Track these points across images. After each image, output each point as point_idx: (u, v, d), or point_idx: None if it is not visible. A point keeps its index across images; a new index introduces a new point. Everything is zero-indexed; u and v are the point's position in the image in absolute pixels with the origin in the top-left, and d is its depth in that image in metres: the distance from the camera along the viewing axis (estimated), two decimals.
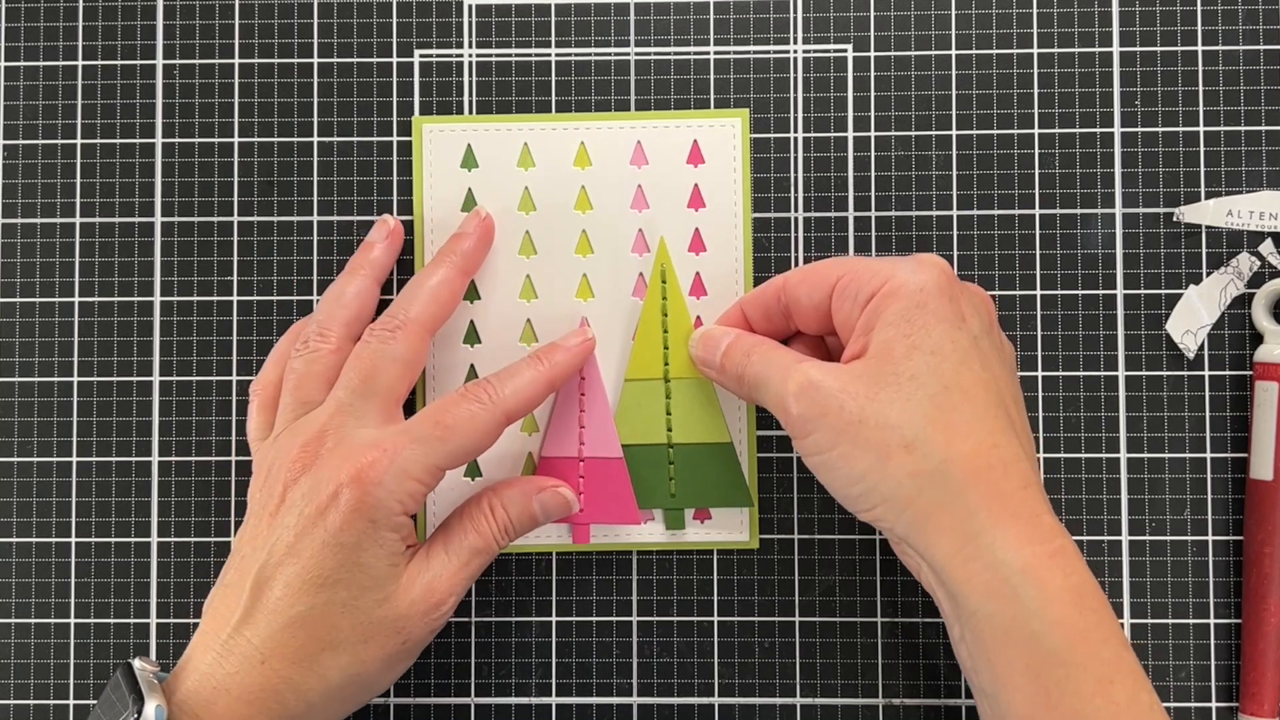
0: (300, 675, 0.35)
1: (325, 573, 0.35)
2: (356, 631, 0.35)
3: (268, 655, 0.34)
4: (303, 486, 0.36)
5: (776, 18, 0.43)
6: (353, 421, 0.37)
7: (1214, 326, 0.42)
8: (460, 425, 0.36)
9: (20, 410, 0.43)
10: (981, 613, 0.33)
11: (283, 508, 0.36)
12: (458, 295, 0.40)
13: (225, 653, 0.35)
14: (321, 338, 0.39)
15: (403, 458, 0.35)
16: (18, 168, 0.44)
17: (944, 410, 0.34)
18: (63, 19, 0.44)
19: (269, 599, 0.35)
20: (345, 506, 0.35)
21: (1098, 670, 0.32)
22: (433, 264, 0.40)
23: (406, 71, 0.44)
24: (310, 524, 0.35)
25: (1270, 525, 0.40)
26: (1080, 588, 0.33)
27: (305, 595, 0.35)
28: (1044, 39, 0.43)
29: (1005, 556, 0.33)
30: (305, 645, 0.35)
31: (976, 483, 0.33)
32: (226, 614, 0.35)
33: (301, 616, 0.35)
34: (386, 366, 0.38)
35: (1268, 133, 0.43)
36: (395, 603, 0.36)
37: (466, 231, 0.41)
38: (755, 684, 0.42)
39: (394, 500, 0.35)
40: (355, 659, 0.35)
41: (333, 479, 0.35)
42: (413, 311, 0.39)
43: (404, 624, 0.36)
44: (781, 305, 0.39)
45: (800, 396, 0.35)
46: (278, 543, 0.35)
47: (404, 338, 0.38)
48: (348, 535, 0.35)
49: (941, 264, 0.36)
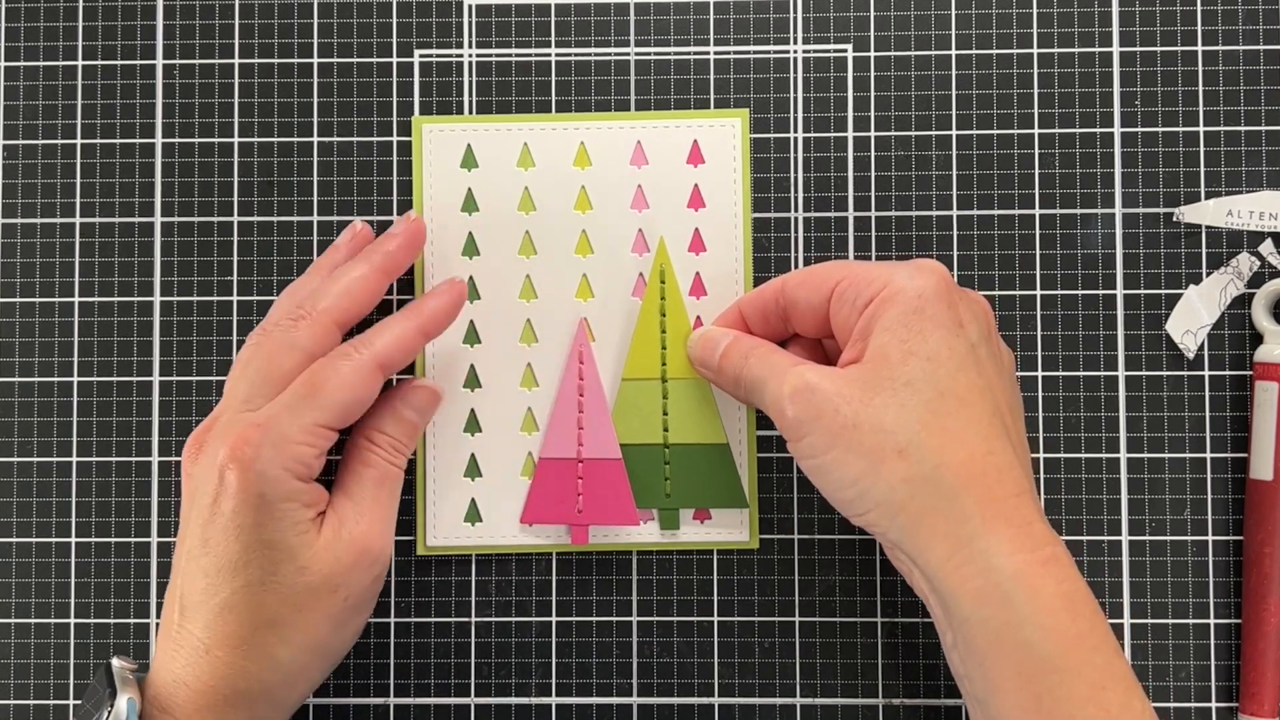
0: (245, 659, 0.35)
1: (234, 558, 0.35)
2: (286, 604, 0.36)
3: (210, 645, 0.35)
4: (195, 477, 0.36)
5: (776, 18, 0.43)
6: (245, 410, 0.37)
7: (1214, 326, 0.42)
8: (329, 380, 0.36)
9: (20, 410, 0.43)
10: (974, 619, 0.33)
11: (185, 501, 0.37)
12: (375, 293, 0.40)
13: (176, 647, 0.35)
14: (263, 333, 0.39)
15: (277, 424, 0.36)
16: (18, 168, 0.44)
17: (939, 416, 0.34)
18: (63, 19, 0.44)
19: (195, 592, 0.35)
20: (232, 488, 0.35)
21: (1090, 676, 0.32)
22: (353, 260, 0.40)
23: (406, 71, 0.44)
24: (209, 513, 0.35)
25: (1270, 525, 0.40)
26: (1072, 594, 0.33)
27: (224, 582, 0.35)
28: (1044, 39, 0.43)
29: (998, 562, 0.33)
30: (239, 629, 0.35)
31: (970, 489, 0.33)
32: (170, 611, 0.36)
33: (227, 602, 0.35)
34: (285, 355, 0.37)
35: (1268, 133, 0.43)
36: (318, 567, 0.36)
37: (394, 233, 0.41)
38: (755, 684, 0.42)
39: (278, 469, 0.35)
40: (297, 629, 0.36)
41: (214, 464, 0.35)
42: (321, 304, 0.38)
43: (338, 581, 0.36)
44: (780, 307, 0.39)
45: (796, 399, 0.35)
46: (190, 537, 0.36)
47: (306, 327, 0.38)
48: (244, 517, 0.35)
49: (940, 270, 0.36)
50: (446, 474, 0.43)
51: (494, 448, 0.43)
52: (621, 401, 0.42)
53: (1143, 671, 0.42)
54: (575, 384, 0.42)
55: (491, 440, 0.43)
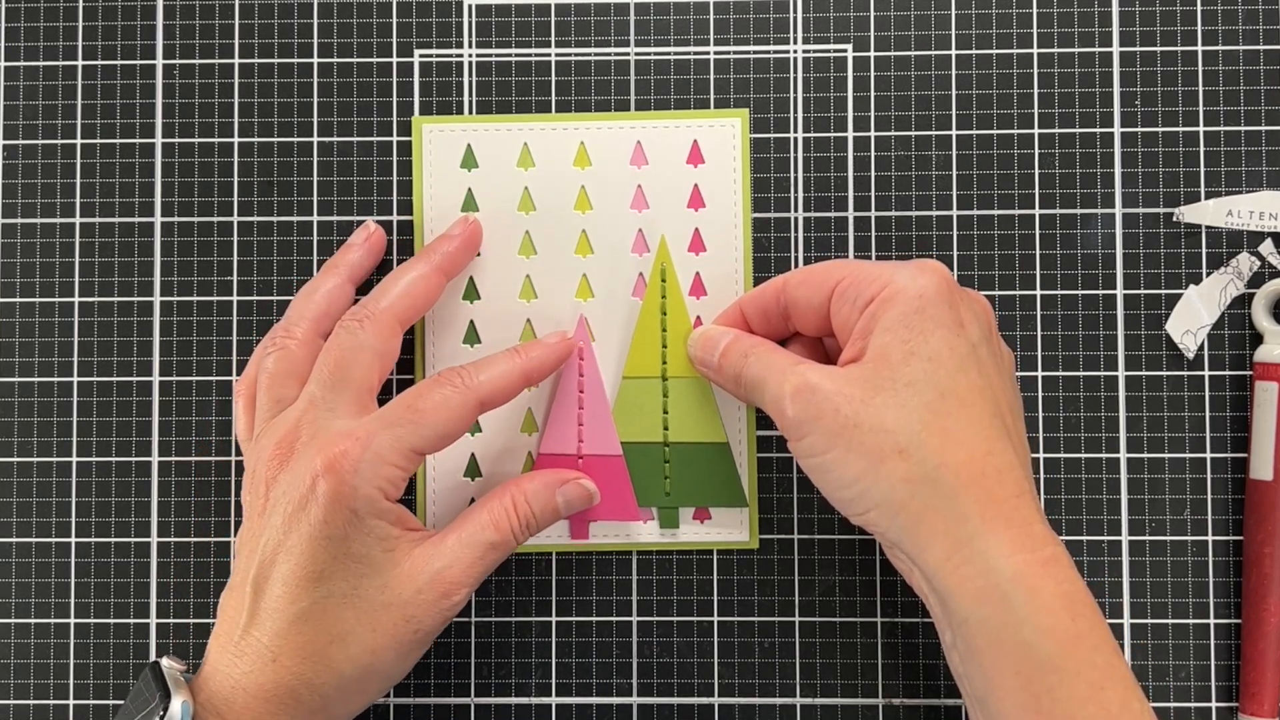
0: (312, 670, 0.35)
1: (319, 567, 0.35)
2: (363, 622, 0.35)
3: (277, 653, 0.35)
4: (282, 483, 0.36)
5: (776, 18, 0.43)
6: (325, 414, 0.37)
7: (1214, 326, 0.42)
8: (432, 409, 0.36)
9: (20, 410, 0.43)
10: (973, 619, 0.33)
11: (268, 506, 0.36)
12: (433, 293, 0.40)
13: (239, 653, 0.35)
14: (288, 334, 0.39)
15: (376, 443, 0.35)
16: (18, 168, 0.44)
17: (939, 416, 0.34)
18: (63, 19, 0.44)
19: (270, 598, 0.35)
20: (323, 498, 0.35)
21: (1090, 676, 0.32)
22: (412, 260, 0.40)
23: (406, 71, 0.44)
24: (294, 519, 0.35)
25: (1270, 525, 0.40)
26: (1072, 595, 0.33)
27: (304, 591, 0.35)
28: (1044, 39, 0.43)
29: (997, 563, 0.33)
30: (312, 640, 0.35)
31: (970, 489, 0.33)
32: (235, 615, 0.36)
33: (304, 612, 0.35)
34: (357, 356, 0.38)
35: (1268, 133, 0.43)
36: (398, 589, 0.36)
37: (452, 234, 0.41)
38: (755, 684, 0.42)
39: (371, 487, 0.35)
40: (365, 649, 0.35)
41: (308, 471, 0.35)
42: (384, 303, 0.39)
43: (413, 611, 0.36)
44: (781, 306, 0.39)
45: (796, 398, 0.35)
46: (268, 542, 0.35)
47: (372, 327, 0.38)
48: (333, 528, 0.35)
49: (942, 269, 0.36)
50: (446, 474, 0.43)
51: (494, 448, 0.43)
52: (622, 400, 0.42)
53: (1143, 671, 0.42)
54: (575, 380, 0.42)
55: (491, 440, 0.43)
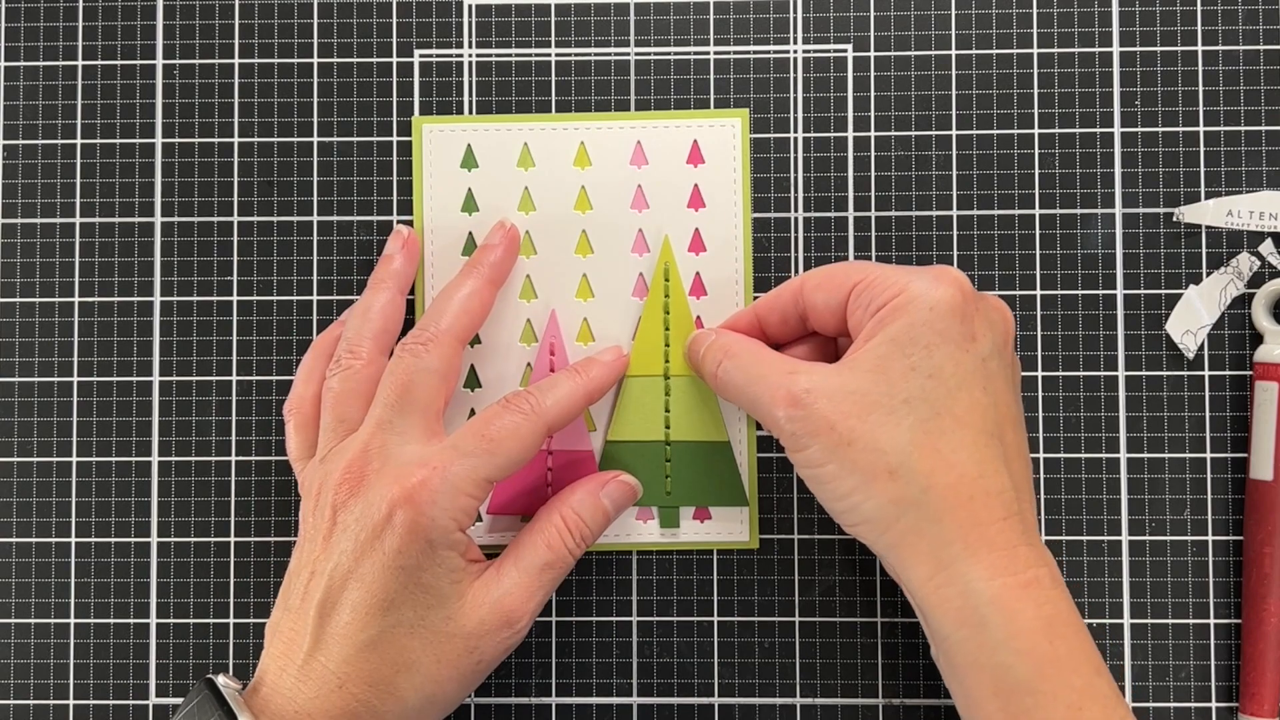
0: (378, 698, 0.35)
1: (389, 595, 0.35)
2: (428, 652, 0.35)
3: (345, 680, 0.34)
4: (354, 510, 0.35)
5: (776, 18, 0.43)
6: (395, 439, 0.37)
7: (1214, 326, 0.42)
8: (506, 437, 0.36)
9: (20, 410, 0.43)
10: (953, 638, 0.34)
11: (335, 530, 0.36)
12: (487, 306, 0.40)
13: (303, 677, 0.35)
14: (352, 354, 0.39)
15: (452, 474, 0.35)
16: (18, 168, 0.44)
17: (932, 437, 0.34)
18: (63, 19, 0.44)
19: (337, 624, 0.35)
20: (401, 528, 0.35)
21: (1067, 698, 0.33)
22: (461, 275, 0.40)
23: (406, 71, 0.44)
24: (368, 547, 0.35)
25: (1270, 525, 0.40)
26: (1052, 617, 0.33)
27: (373, 619, 0.35)
28: (1044, 39, 0.43)
29: (976, 586, 0.33)
30: (380, 668, 0.35)
31: (955, 512, 0.34)
32: (296, 639, 0.35)
33: (373, 640, 0.35)
34: (422, 380, 0.37)
35: (1268, 133, 0.43)
36: (463, 620, 0.36)
37: (493, 243, 0.41)
38: (755, 684, 0.42)
39: (448, 518, 0.35)
40: (430, 679, 0.35)
41: (384, 500, 0.35)
42: (443, 324, 0.39)
43: (476, 642, 0.36)
44: (800, 309, 0.39)
45: (793, 417, 0.35)
46: (337, 568, 0.35)
47: (436, 350, 0.38)
48: (407, 557, 0.35)
49: (959, 280, 0.35)
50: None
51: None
52: (624, 398, 0.42)
53: (1143, 671, 0.42)
54: (546, 375, 0.42)
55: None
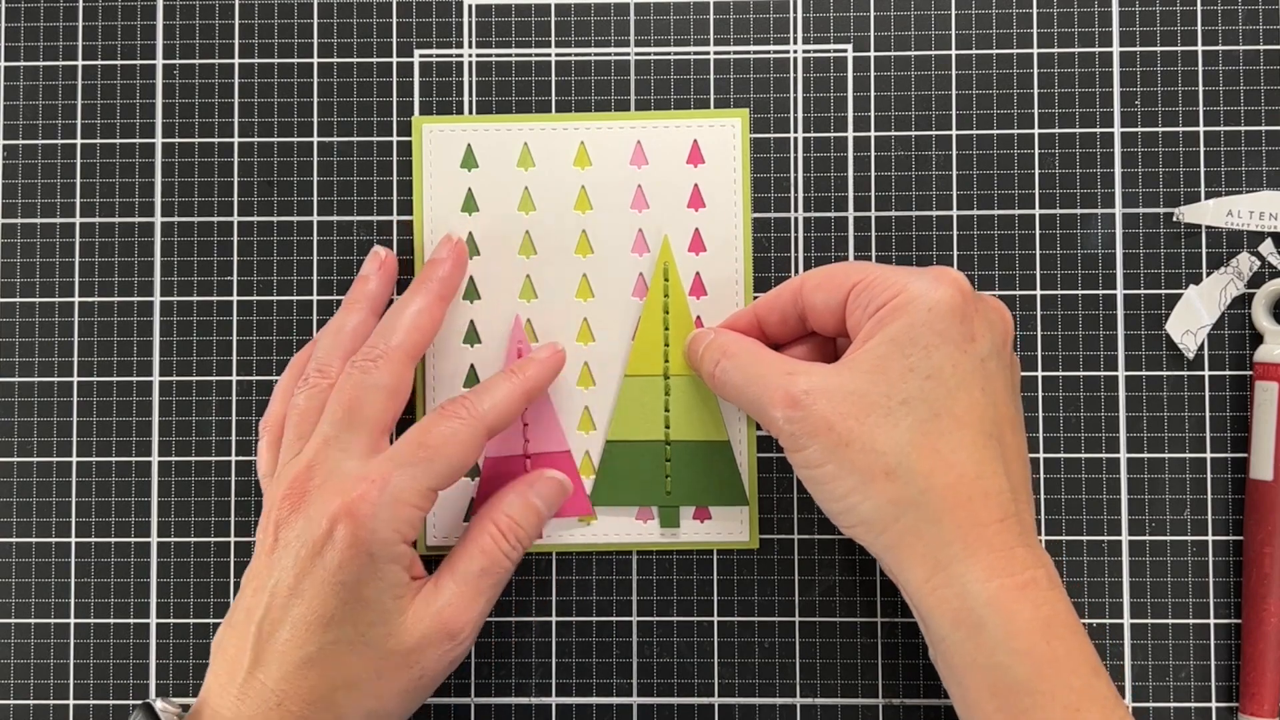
0: (317, 716, 0.35)
1: (329, 612, 0.34)
2: (369, 668, 0.35)
3: (283, 697, 0.34)
4: (295, 526, 0.35)
5: (776, 18, 0.43)
6: (338, 454, 0.36)
7: (1214, 326, 0.42)
8: (444, 444, 0.36)
9: (20, 410, 0.43)
10: (950, 639, 0.34)
11: (278, 547, 0.36)
12: (437, 321, 0.40)
13: (242, 695, 0.35)
14: (321, 374, 0.39)
15: (393, 485, 0.35)
16: (18, 168, 0.44)
17: (930, 438, 0.34)
18: (63, 19, 0.44)
19: (278, 641, 0.35)
20: (341, 543, 0.34)
21: (1065, 699, 0.33)
22: (410, 292, 0.40)
23: (406, 71, 0.44)
24: (308, 564, 0.35)
25: (1270, 525, 0.40)
26: (1050, 618, 0.33)
27: (313, 635, 0.34)
28: (1044, 39, 0.43)
29: (973, 588, 0.33)
30: (318, 685, 0.35)
31: (954, 513, 0.34)
32: (238, 656, 0.35)
33: (311, 657, 0.34)
34: (371, 397, 0.37)
35: (1268, 133, 0.43)
36: (404, 635, 0.36)
37: (440, 258, 0.41)
38: (755, 684, 0.42)
39: (390, 530, 0.35)
40: (371, 695, 0.35)
41: (324, 515, 0.35)
42: (393, 340, 0.38)
43: (418, 658, 0.36)
44: (799, 309, 0.39)
45: (791, 418, 0.35)
46: (279, 584, 0.35)
47: (385, 366, 0.38)
48: (348, 573, 0.35)
49: (958, 281, 0.35)
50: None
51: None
52: (624, 398, 0.42)
53: (1143, 672, 0.42)
54: None
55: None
